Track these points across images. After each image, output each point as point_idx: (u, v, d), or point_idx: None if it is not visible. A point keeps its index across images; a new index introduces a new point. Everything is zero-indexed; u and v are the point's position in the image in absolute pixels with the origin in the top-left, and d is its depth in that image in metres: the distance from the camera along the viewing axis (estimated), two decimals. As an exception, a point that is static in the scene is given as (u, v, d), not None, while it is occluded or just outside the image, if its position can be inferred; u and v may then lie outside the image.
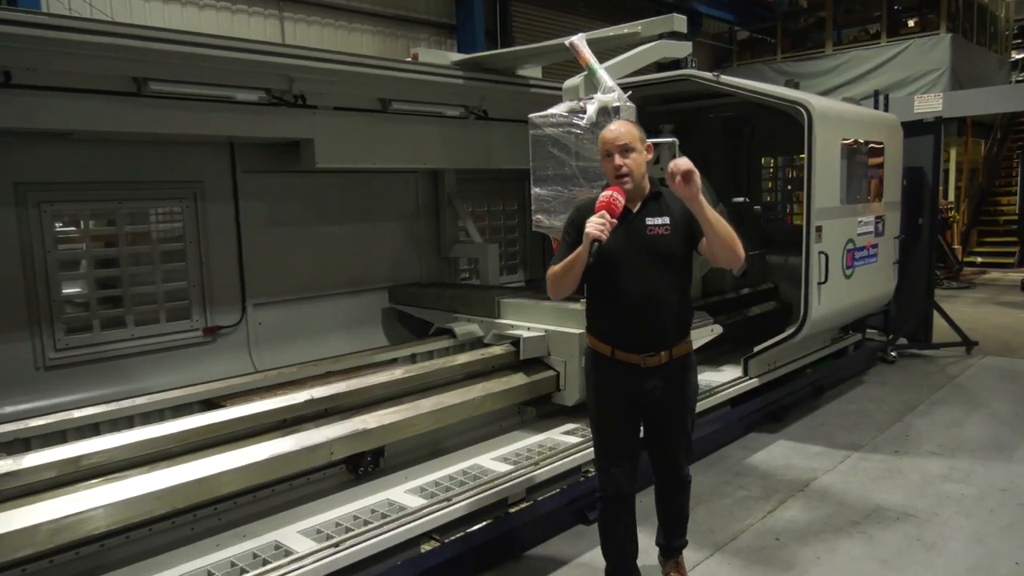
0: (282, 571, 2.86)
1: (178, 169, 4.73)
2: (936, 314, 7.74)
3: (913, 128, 7.30)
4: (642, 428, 3.15)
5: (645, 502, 3.43)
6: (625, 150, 2.88)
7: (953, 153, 14.55)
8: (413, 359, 4.73)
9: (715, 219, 2.74)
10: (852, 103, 6.89)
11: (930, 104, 12.05)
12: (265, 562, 2.96)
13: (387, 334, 5.95)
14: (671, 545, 3.33)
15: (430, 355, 4.83)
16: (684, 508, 3.31)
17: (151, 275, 4.71)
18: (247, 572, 2.89)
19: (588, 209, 2.85)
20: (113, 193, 4.51)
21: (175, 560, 3.01)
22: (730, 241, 2.80)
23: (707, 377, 5.51)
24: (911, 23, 15.20)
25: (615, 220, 2.76)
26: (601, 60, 4.20)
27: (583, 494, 3.98)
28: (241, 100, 4.26)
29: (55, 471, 2.88)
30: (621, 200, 2.80)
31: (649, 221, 2.91)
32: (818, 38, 15.94)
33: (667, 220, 2.91)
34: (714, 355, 5.80)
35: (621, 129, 2.93)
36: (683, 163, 2.63)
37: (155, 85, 3.90)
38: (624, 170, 2.87)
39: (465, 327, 4.99)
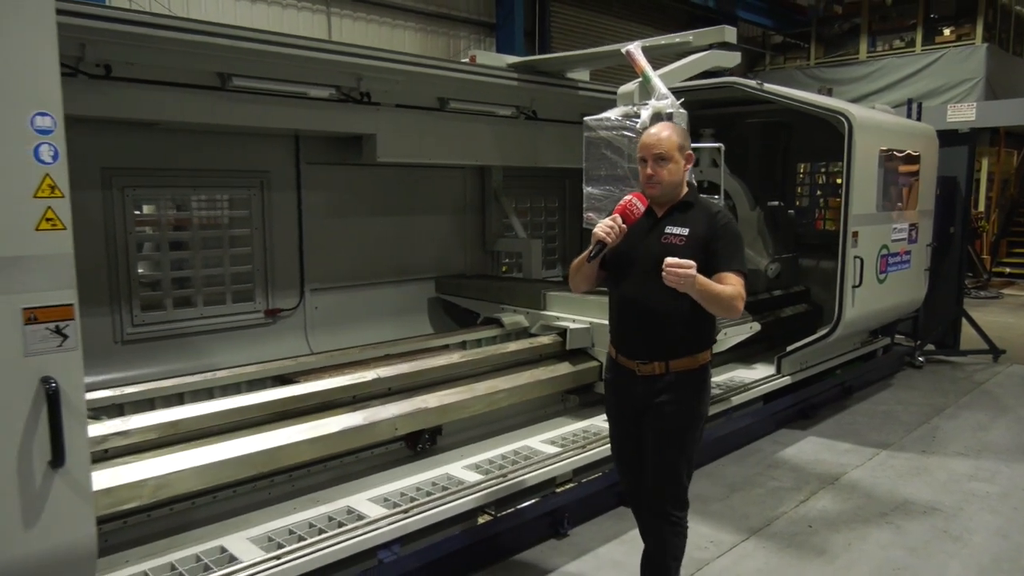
0: (357, 533, 3.12)
1: (248, 159, 5.01)
2: (964, 321, 7.87)
3: (947, 138, 7.44)
4: None
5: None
6: (660, 159, 2.80)
7: (985, 163, 14.56)
8: (463, 345, 4.99)
9: (710, 296, 2.66)
10: (887, 111, 7.04)
11: (964, 114, 12.08)
12: (340, 524, 3.22)
13: (432, 322, 6.21)
14: None
15: (479, 343, 5.09)
16: (663, 555, 2.95)
17: (219, 259, 4.99)
18: (325, 531, 3.16)
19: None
20: (188, 180, 4.80)
21: (257, 519, 3.28)
22: (723, 307, 2.72)
23: (740, 374, 5.75)
24: (947, 32, 15.20)
25: (626, 226, 2.75)
26: (652, 66, 4.42)
27: (625, 478, 4.22)
28: (313, 96, 4.52)
29: (156, 433, 3.16)
30: (640, 207, 2.79)
31: (668, 229, 2.83)
32: (852, 44, 15.97)
33: (686, 231, 2.80)
34: (747, 353, 6.01)
35: (662, 135, 2.84)
36: (674, 274, 2.58)
37: (238, 80, 4.16)
38: (654, 179, 2.81)
39: (512, 317, 5.24)
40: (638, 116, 4.20)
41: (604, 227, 2.73)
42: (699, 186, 4.60)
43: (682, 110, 4.16)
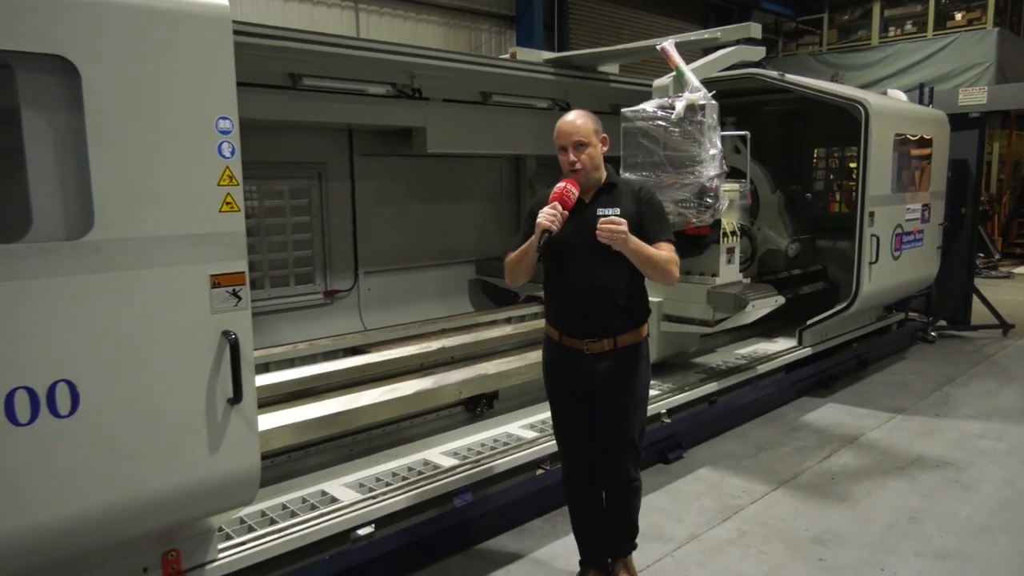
0: (437, 480, 3.57)
1: (307, 152, 5.43)
2: (975, 299, 8.24)
3: (959, 122, 7.77)
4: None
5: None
6: (579, 146, 2.89)
7: (996, 146, 14.82)
8: (509, 321, 5.42)
9: (645, 258, 2.84)
10: (899, 96, 7.36)
11: (975, 97, 12.34)
12: (420, 473, 3.67)
13: (472, 301, 6.64)
14: (618, 548, 3.26)
15: (522, 318, 5.51)
16: (628, 513, 3.20)
17: (283, 245, 5.43)
18: (407, 479, 3.60)
19: (545, 200, 2.91)
20: (255, 172, 5.22)
21: (346, 471, 3.72)
22: (659, 271, 2.89)
23: (762, 346, 6.16)
24: (958, 16, 15.43)
25: (567, 212, 2.83)
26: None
27: (663, 437, 4.66)
28: (371, 93, 4.93)
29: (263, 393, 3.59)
30: (575, 192, 2.87)
31: (600, 211, 2.92)
32: (864, 30, 16.22)
33: (617, 212, 2.91)
34: (768, 328, 6.42)
35: (577, 122, 2.93)
36: (607, 229, 2.75)
37: (307, 80, 4.58)
38: (577, 166, 2.90)
39: (552, 295, 5.66)
40: (673, 108, 4.59)
41: (547, 215, 2.79)
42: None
43: (713, 102, 4.54)
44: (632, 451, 3.11)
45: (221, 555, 2.74)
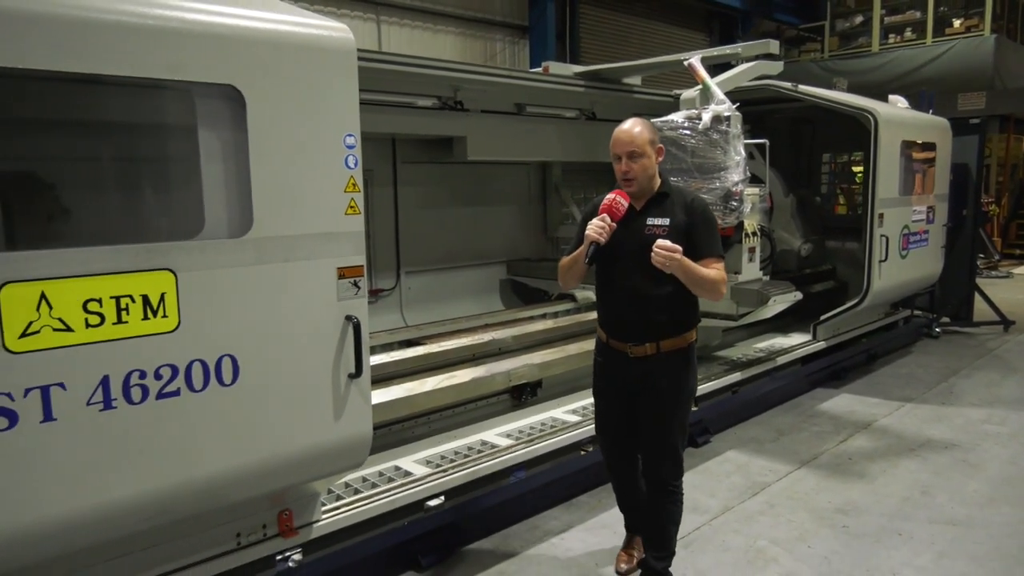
0: (496, 456, 3.94)
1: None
2: (977, 296, 8.64)
3: (959, 128, 8.18)
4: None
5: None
6: (634, 156, 2.96)
7: (995, 150, 15.24)
8: (544, 317, 5.81)
9: (696, 279, 2.92)
10: (900, 101, 7.73)
11: (974, 102, 12.82)
12: (479, 451, 4.05)
13: (503, 300, 7.04)
14: (648, 564, 3.28)
15: (556, 315, 5.91)
16: (663, 521, 3.20)
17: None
18: (468, 456, 3.98)
19: (597, 208, 3.04)
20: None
21: (414, 450, 4.09)
22: (707, 290, 2.98)
23: (778, 341, 6.55)
24: (956, 23, 15.87)
25: (615, 224, 2.94)
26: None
27: (692, 423, 5.02)
28: (420, 105, 5.33)
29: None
30: (624, 203, 2.97)
31: (650, 221, 3.01)
32: (865, 37, 16.65)
33: (667, 221, 2.99)
34: (783, 324, 6.81)
35: (634, 132, 3.00)
36: (662, 255, 2.84)
37: (365, 95, 4.96)
38: (630, 175, 2.98)
39: (583, 293, 6.05)
40: (699, 119, 4.99)
41: (596, 227, 2.90)
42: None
43: (737, 112, 4.94)
44: (671, 455, 3.15)
45: (324, 517, 3.13)
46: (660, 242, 2.85)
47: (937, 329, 8.32)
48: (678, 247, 2.86)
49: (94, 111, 2.43)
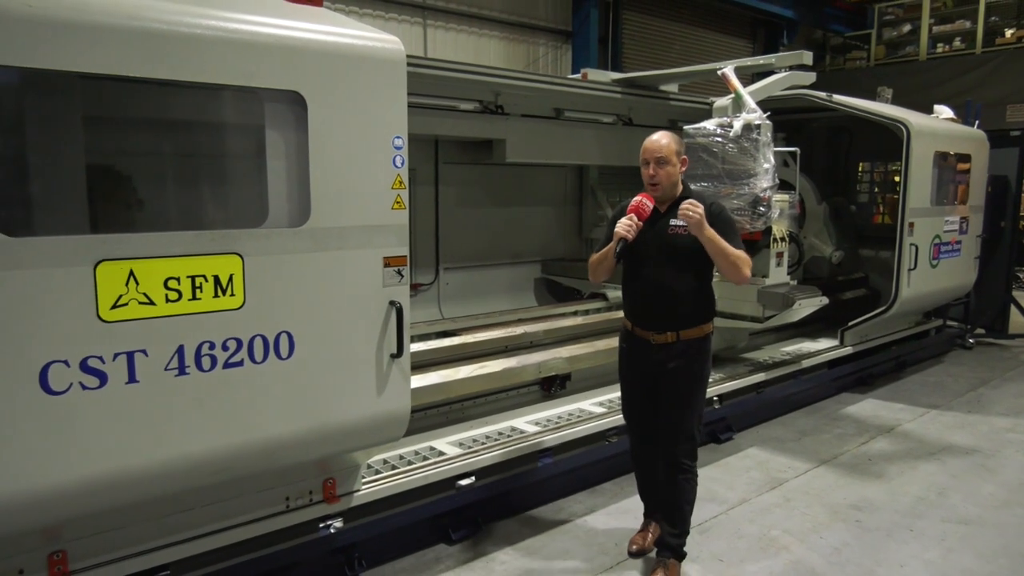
0: (526, 441, 4.19)
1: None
2: (1013, 308, 8.61)
3: (1000, 140, 8.18)
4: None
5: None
6: (660, 162, 3.26)
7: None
8: (576, 314, 6.04)
9: (719, 248, 3.20)
10: (944, 112, 7.78)
11: (1022, 114, 12.65)
12: (509, 436, 4.30)
13: (537, 298, 7.28)
14: (663, 540, 3.51)
15: (587, 312, 6.13)
16: (677, 499, 3.45)
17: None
18: (498, 440, 4.23)
19: (625, 209, 3.34)
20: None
21: (444, 433, 4.36)
22: (730, 265, 3.24)
23: (806, 345, 6.67)
24: (1008, 33, 15.63)
25: (641, 223, 3.25)
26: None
27: (715, 420, 5.23)
28: (463, 108, 5.60)
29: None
30: (650, 205, 3.28)
31: (673, 222, 3.30)
32: (912, 46, 16.49)
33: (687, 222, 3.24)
34: (811, 330, 6.94)
35: (662, 142, 3.29)
36: (687, 210, 3.16)
37: (411, 98, 5.25)
38: (655, 180, 3.28)
39: (615, 292, 6.26)
40: (731, 126, 5.17)
41: (624, 225, 3.20)
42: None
43: (768, 121, 5.11)
44: (687, 439, 3.44)
45: (363, 487, 3.41)
46: (686, 202, 3.18)
47: (971, 340, 8.33)
48: (701, 205, 3.19)
49: (177, 112, 2.76)
